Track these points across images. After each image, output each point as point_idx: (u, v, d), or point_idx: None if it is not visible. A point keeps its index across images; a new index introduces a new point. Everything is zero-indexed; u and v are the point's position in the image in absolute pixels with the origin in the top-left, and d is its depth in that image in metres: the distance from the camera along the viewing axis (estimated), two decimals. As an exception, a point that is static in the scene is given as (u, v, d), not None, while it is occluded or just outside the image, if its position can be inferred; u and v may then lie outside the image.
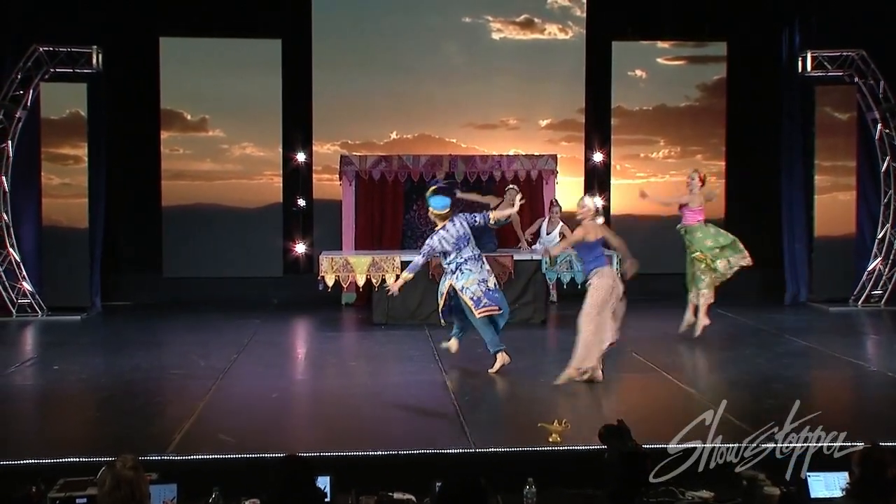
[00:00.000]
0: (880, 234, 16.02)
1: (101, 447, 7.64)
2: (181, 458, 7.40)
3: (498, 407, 9.70)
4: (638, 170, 17.57)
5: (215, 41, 16.61)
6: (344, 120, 17.02)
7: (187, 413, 8.77)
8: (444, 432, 8.24)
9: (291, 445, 7.76)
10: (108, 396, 9.70)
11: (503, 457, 7.54)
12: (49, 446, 7.78)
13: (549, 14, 17.22)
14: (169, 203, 16.55)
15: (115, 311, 15.37)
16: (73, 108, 14.96)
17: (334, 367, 11.41)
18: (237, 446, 7.73)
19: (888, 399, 9.70)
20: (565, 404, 9.72)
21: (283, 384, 10.41)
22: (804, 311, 15.72)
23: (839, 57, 15.71)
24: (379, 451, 7.51)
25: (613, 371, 11.37)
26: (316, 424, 8.81)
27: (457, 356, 11.06)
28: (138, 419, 8.69)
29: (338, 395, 9.83)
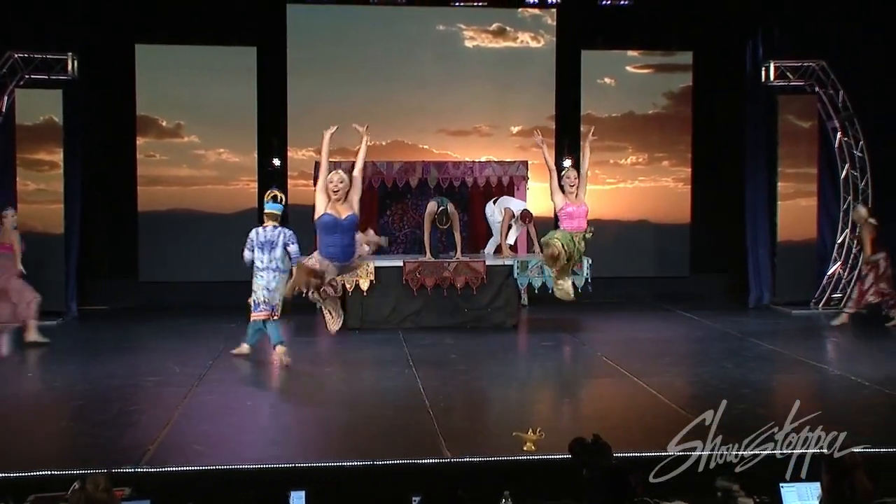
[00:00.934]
0: (840, 238, 15.96)
1: (73, 460, 7.38)
2: (155, 471, 7.11)
3: (472, 414, 9.38)
4: (607, 176, 17.43)
5: (191, 48, 16.30)
6: (318, 126, 16.14)
7: (162, 423, 8.47)
8: (420, 441, 7.96)
9: (267, 456, 7.52)
10: (82, 405, 9.37)
11: (479, 466, 7.29)
12: (20, 459, 7.43)
13: (520, 23, 17.03)
14: (145, 208, 16.26)
15: (91, 315, 15.01)
16: (49, 115, 14.64)
17: (309, 374, 11.02)
18: (212, 457, 7.44)
19: (852, 403, 9.51)
20: (538, 411, 9.54)
21: (259, 392, 10.12)
22: (768, 313, 15.60)
23: (801, 67, 15.71)
24: (355, 462, 7.24)
25: (584, 376, 11.25)
26: (291, 434, 8.46)
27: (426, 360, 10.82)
28: (112, 429, 8.36)
29: (313, 403, 9.53)
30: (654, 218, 17.36)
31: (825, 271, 15.98)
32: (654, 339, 13.32)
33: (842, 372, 10.91)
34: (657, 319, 15.02)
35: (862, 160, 15.73)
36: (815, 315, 15.43)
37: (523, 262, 13.90)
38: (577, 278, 13.89)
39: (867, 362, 11.49)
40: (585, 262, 14.02)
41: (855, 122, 15.67)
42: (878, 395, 9.83)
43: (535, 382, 10.85)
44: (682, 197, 17.41)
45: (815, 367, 11.36)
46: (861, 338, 13.68)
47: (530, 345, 12.84)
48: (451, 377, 10.63)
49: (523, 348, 12.96)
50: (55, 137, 14.66)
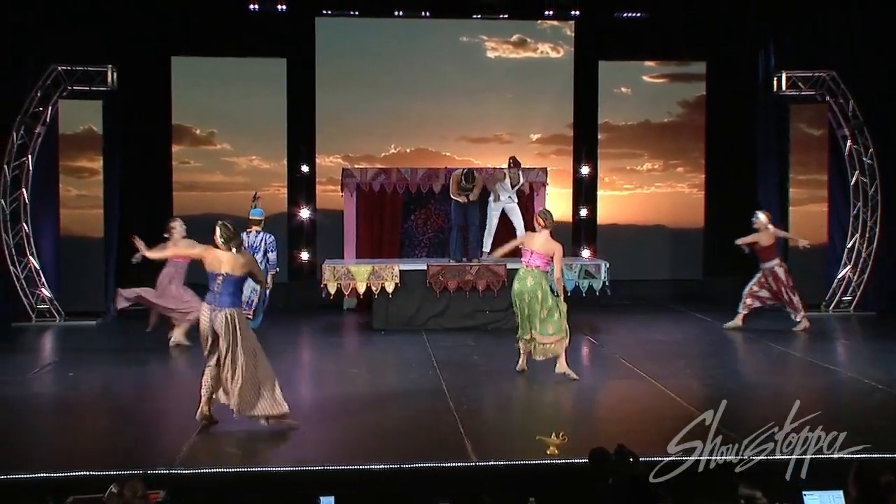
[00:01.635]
0: (849, 243, 15.67)
1: (111, 460, 7.25)
2: (189, 473, 6.97)
3: (495, 416, 9.22)
4: (624, 182, 17.29)
5: (224, 60, 16.23)
6: (345, 134, 16.66)
7: (195, 424, 8.31)
8: (446, 444, 7.78)
9: (297, 458, 7.38)
10: (120, 405, 9.28)
11: (505, 470, 7.12)
12: (60, 459, 7.34)
13: (540, 34, 16.84)
14: (180, 212, 15.97)
15: (128, 315, 14.80)
16: (89, 124, 14.55)
17: (337, 375, 10.87)
18: (244, 459, 7.31)
19: (866, 407, 9.29)
20: (559, 413, 9.35)
21: (289, 392, 9.87)
22: (779, 316, 15.17)
23: (812, 77, 15.43)
24: (383, 465, 7.08)
25: (603, 378, 11.02)
26: (320, 435, 8.23)
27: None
28: (147, 429, 8.30)
29: (340, 403, 9.28)
30: (669, 222, 17.19)
31: (835, 274, 15.68)
32: (669, 340, 13.12)
33: (854, 374, 10.69)
34: (671, 321, 14.81)
35: (871, 167, 15.44)
36: (826, 317, 15.18)
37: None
38: (594, 281, 13.81)
39: (878, 365, 11.22)
40: (603, 265, 13.89)
41: (864, 130, 15.38)
42: (890, 398, 9.62)
43: (554, 385, 10.63)
44: (696, 202, 17.24)
45: (829, 370, 11.09)
46: (870, 339, 13.45)
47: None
48: (474, 379, 10.46)
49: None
50: (95, 146, 14.55)
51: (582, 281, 13.81)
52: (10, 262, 14.05)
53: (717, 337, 13.42)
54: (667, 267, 17.05)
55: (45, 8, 14.11)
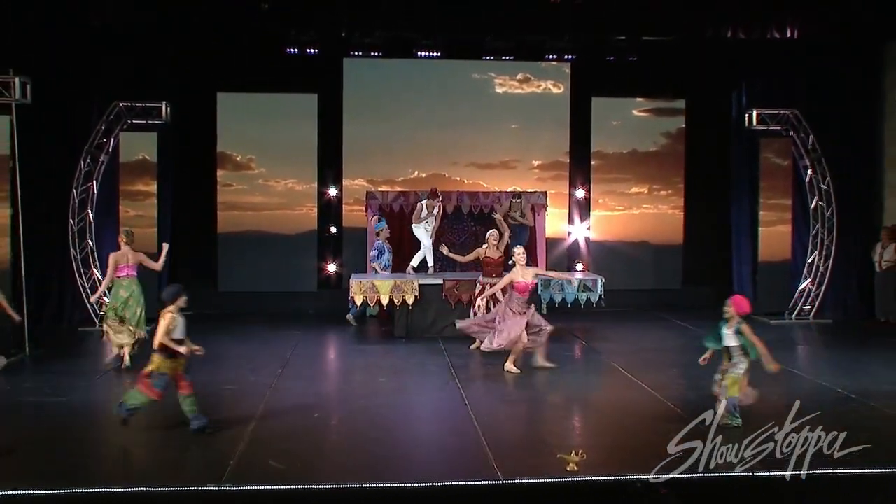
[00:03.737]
0: (809, 259, 15.39)
1: (163, 475, 6.66)
2: (236, 490, 6.37)
3: (516, 428, 8.44)
4: (616, 203, 16.79)
5: (263, 95, 15.76)
6: (369, 160, 16.18)
7: (240, 435, 7.72)
8: (471, 459, 7.15)
9: (336, 474, 6.77)
10: (170, 415, 8.58)
11: (530, 489, 6.51)
12: (116, 473, 6.76)
13: (542, 73, 16.35)
14: (223, 230, 15.80)
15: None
16: (146, 153, 14.30)
17: (365, 385, 10.09)
18: (288, 474, 6.70)
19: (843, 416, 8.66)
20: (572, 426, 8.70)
21: (323, 402, 9.28)
22: (750, 323, 14.63)
23: (778, 115, 15.10)
24: (414, 484, 6.48)
25: (603, 387, 10.35)
26: (353, 450, 7.50)
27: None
28: (196, 441, 7.61)
29: (370, 415, 8.49)
30: (653, 239, 16.69)
31: (797, 287, 15.43)
32: (658, 348, 12.56)
33: (828, 383, 10.11)
34: (658, 328, 14.28)
35: (828, 193, 15.17)
36: (790, 325, 14.85)
37: (546, 280, 13.16)
38: (591, 294, 13.27)
39: (847, 373, 10.67)
40: (599, 280, 13.35)
41: (822, 161, 15.15)
42: (864, 408, 9.03)
43: (565, 394, 9.97)
44: (676, 221, 16.76)
45: (805, 378, 10.52)
46: (834, 348, 12.90)
47: (553, 354, 12.03)
48: (491, 389, 9.87)
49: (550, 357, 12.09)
50: (150, 172, 14.31)
51: (581, 294, 13.27)
52: (77, 273, 13.72)
53: (699, 344, 12.77)
54: (650, 278, 16.55)
55: (108, 51, 13.89)
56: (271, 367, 10.66)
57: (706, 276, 16.34)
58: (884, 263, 14.59)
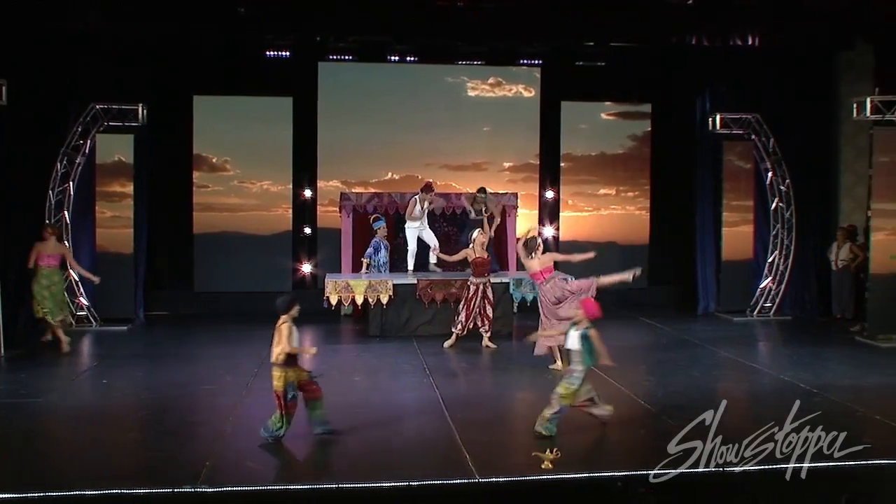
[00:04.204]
0: (770, 258, 15.39)
1: (139, 477, 6.40)
2: (212, 491, 6.14)
3: (491, 426, 8.16)
4: (584, 204, 16.64)
5: (238, 98, 15.42)
6: (343, 162, 15.93)
7: (216, 435, 7.50)
8: (447, 458, 6.98)
9: (312, 474, 6.58)
10: (147, 415, 8.41)
11: (506, 487, 6.34)
12: (92, 475, 6.45)
13: (513, 77, 16.12)
14: (199, 230, 15.49)
15: (155, 320, 14.09)
16: (122, 154, 13.86)
17: (340, 383, 9.84)
18: (264, 475, 6.49)
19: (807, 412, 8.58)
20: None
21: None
22: (713, 320, 14.86)
23: (740, 119, 15.12)
24: (391, 483, 6.29)
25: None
26: (329, 450, 7.32)
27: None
28: (172, 442, 7.38)
29: (345, 415, 8.16)
30: (620, 239, 16.54)
31: (758, 285, 15.40)
32: (627, 346, 12.36)
33: (791, 379, 10.05)
34: (626, 327, 14.11)
35: (787, 195, 15.21)
36: (751, 322, 14.85)
37: (518, 279, 13.01)
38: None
39: (808, 369, 10.63)
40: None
41: (782, 164, 15.17)
42: (827, 402, 8.94)
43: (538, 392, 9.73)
44: (642, 222, 16.64)
45: (770, 374, 10.48)
46: (795, 344, 12.84)
47: (524, 353, 11.86)
48: (465, 387, 9.72)
49: (520, 356, 11.86)
50: (126, 173, 13.86)
51: (550, 293, 13.09)
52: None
53: (668, 342, 12.79)
54: (623, 276, 16.40)
55: (85, 54, 13.48)
56: (247, 367, 10.39)
57: (671, 275, 16.27)
58: (839, 262, 14.58)
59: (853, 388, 9.66)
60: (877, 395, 9.46)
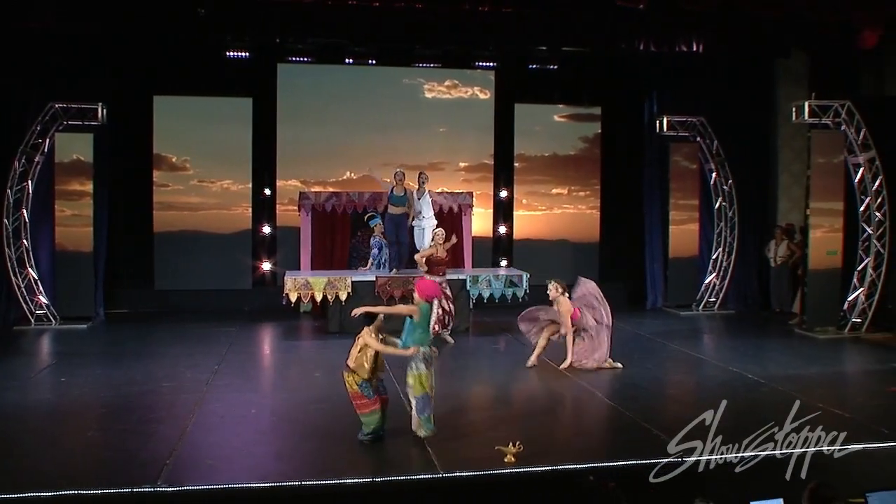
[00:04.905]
0: (714, 255, 15.37)
1: (96, 477, 5.99)
2: (172, 491, 5.77)
3: (452, 420, 7.78)
4: (538, 204, 16.35)
5: (198, 99, 14.91)
6: (302, 162, 15.49)
7: (177, 433, 7.12)
8: (409, 452, 6.69)
9: (274, 472, 6.21)
10: (106, 413, 7.97)
11: (470, 481, 6.06)
12: (50, 476, 6.04)
13: (469, 80, 15.79)
14: (159, 229, 14.94)
15: (115, 318, 13.55)
16: (82, 153, 13.20)
17: (301, 379, 9.57)
18: (224, 473, 6.12)
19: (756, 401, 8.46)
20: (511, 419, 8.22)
21: (260, 399, 8.66)
22: (662, 315, 14.78)
23: (686, 122, 15.09)
24: (354, 479, 5.97)
25: (531, 379, 9.91)
26: (291, 446, 6.96)
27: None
28: (132, 440, 6.96)
29: (307, 411, 7.97)
30: (572, 237, 16.31)
31: (703, 281, 15.36)
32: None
33: (738, 370, 9.95)
34: (579, 322, 13.89)
35: (730, 195, 15.19)
36: (697, 316, 14.82)
37: (474, 276, 12.74)
38: (517, 289, 12.90)
39: (754, 360, 10.56)
40: (525, 276, 13.00)
41: (725, 165, 15.15)
42: (775, 393, 8.83)
43: (496, 386, 9.54)
44: (593, 220, 16.41)
45: (718, 366, 10.35)
46: (739, 336, 12.74)
47: (483, 347, 11.61)
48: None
49: (479, 351, 11.62)
50: (86, 172, 13.19)
51: (507, 289, 12.88)
52: (11, 272, 12.72)
53: (620, 336, 12.44)
54: (570, 274, 16.11)
55: (45, 53, 12.87)
56: (208, 364, 10.01)
57: (621, 271, 16.10)
58: (777, 259, 14.67)
59: (797, 377, 9.64)
60: (819, 384, 9.46)
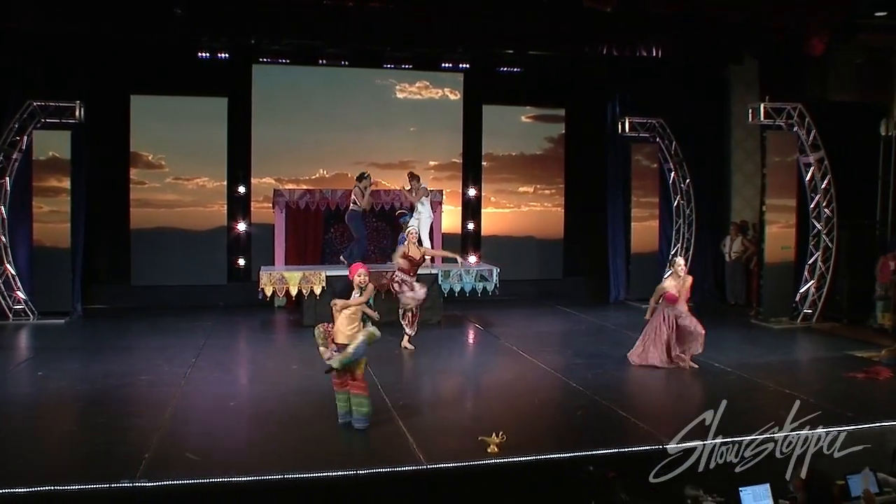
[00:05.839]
0: (673, 250, 15.11)
1: (74, 472, 5.56)
2: (151, 486, 5.35)
3: (432, 411, 7.54)
4: (507, 202, 16.04)
5: (175, 98, 14.30)
6: (276, 160, 15.00)
7: (155, 426, 6.68)
8: (392, 444, 6.32)
9: (255, 465, 5.80)
10: (84, 407, 7.48)
11: (455, 472, 5.72)
12: (27, 471, 5.60)
13: (439, 81, 15.41)
14: (136, 226, 14.35)
15: (93, 314, 12.97)
16: (60, 151, 12.60)
17: (278, 372, 9.13)
18: (204, 467, 5.70)
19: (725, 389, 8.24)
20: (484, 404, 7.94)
21: (238, 390, 8.25)
22: (624, 308, 14.53)
23: (646, 123, 14.90)
24: (339, 472, 5.59)
25: (506, 370, 9.54)
26: (272, 439, 6.55)
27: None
28: (110, 434, 6.51)
29: (286, 403, 7.57)
30: (537, 234, 16.03)
31: (663, 275, 14.87)
32: (550, 332, 11.98)
33: (705, 359, 9.77)
34: (546, 314, 13.70)
35: (688, 193, 15.02)
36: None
37: (446, 271, 12.41)
38: (487, 283, 12.59)
39: (718, 350, 10.32)
40: (495, 270, 12.69)
41: (683, 165, 14.97)
42: (742, 381, 8.63)
43: (473, 377, 9.19)
44: (557, 218, 16.14)
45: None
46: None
47: (455, 340, 11.26)
48: (401, 374, 9.04)
49: (451, 343, 11.24)
50: (63, 169, 12.58)
51: (478, 283, 12.55)
52: (-10, 268, 12.14)
53: (588, 327, 12.37)
54: (535, 269, 15.98)
55: (24, 52, 12.37)
56: (185, 357, 9.55)
57: (584, 267, 15.91)
58: (732, 254, 14.65)
59: (759, 365, 9.51)
60: (781, 371, 9.34)
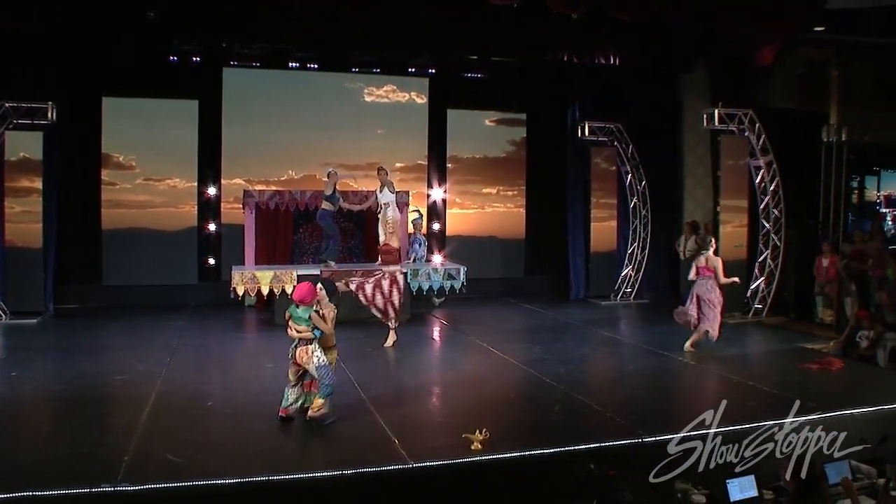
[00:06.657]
0: (629, 250, 15.11)
1: (52, 476, 5.20)
2: (133, 490, 5.03)
3: (412, 410, 7.28)
4: (471, 203, 15.85)
5: (146, 100, 13.78)
6: (246, 162, 14.60)
7: (133, 426, 6.33)
8: (375, 444, 6.05)
9: (237, 466, 5.50)
10: (60, 407, 7.09)
11: (441, 470, 5.49)
12: (3, 474, 5.25)
13: (407, 85, 15.17)
14: (108, 226, 13.84)
15: (65, 313, 12.46)
16: (31, 152, 12.07)
17: (253, 370, 8.79)
18: (187, 469, 5.40)
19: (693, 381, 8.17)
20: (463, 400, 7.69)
21: (215, 391, 7.89)
22: (585, 305, 14.47)
23: (604, 128, 14.82)
24: (325, 473, 5.33)
25: (479, 366, 9.32)
26: (254, 439, 6.23)
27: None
28: (88, 435, 6.16)
29: (265, 403, 7.17)
30: (500, 234, 15.86)
31: (620, 273, 15.12)
32: (516, 329, 11.82)
33: (668, 353, 9.70)
34: (511, 311, 13.54)
35: (644, 195, 14.99)
36: (616, 305, 14.54)
37: (415, 269, 12.17)
38: (454, 282, 12.39)
39: (680, 345, 10.08)
40: (462, 269, 12.49)
41: (640, 168, 14.94)
42: (706, 374, 8.57)
43: (449, 374, 8.97)
44: (519, 218, 15.99)
45: (647, 350, 10.07)
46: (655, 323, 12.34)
47: (424, 336, 11.02)
48: (376, 371, 8.78)
49: (421, 340, 11.00)
50: (35, 170, 12.06)
51: (445, 282, 12.35)
52: (-39, 268, 11.54)
53: (553, 324, 12.22)
54: (498, 268, 15.81)
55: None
56: (159, 357, 9.17)
57: (545, 265, 15.79)
58: (686, 252, 14.45)
59: (720, 358, 9.40)
60: (740, 364, 9.31)
